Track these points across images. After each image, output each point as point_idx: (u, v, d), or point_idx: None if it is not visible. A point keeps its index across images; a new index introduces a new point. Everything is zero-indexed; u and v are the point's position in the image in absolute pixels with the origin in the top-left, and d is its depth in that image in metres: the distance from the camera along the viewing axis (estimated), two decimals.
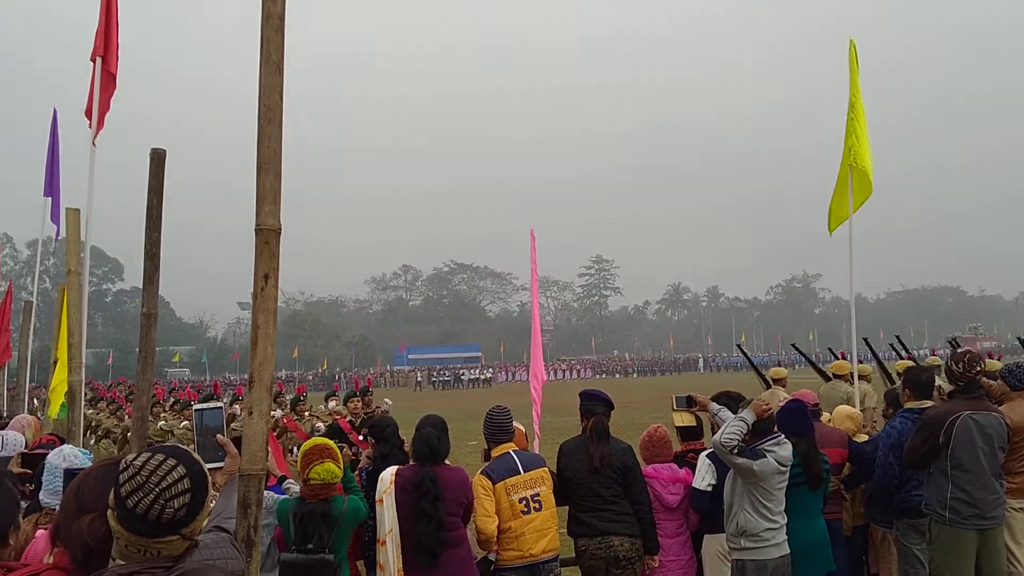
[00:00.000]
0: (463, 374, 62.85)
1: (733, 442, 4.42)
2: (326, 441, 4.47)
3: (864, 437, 6.01)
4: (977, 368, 4.94)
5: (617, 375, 71.02)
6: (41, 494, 3.30)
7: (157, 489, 1.81)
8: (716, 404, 4.94)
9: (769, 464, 4.47)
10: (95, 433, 13.15)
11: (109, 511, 1.86)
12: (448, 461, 4.65)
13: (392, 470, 4.55)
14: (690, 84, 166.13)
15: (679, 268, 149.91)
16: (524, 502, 4.68)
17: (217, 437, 2.80)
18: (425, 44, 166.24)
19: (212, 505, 2.48)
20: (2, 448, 4.30)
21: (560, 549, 4.85)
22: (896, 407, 5.68)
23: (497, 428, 4.92)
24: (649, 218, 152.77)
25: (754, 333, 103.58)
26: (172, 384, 40.38)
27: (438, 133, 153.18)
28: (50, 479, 3.27)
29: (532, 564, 4.64)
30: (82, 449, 3.60)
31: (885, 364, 9.54)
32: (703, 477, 4.89)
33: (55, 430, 6.37)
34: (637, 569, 4.86)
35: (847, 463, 5.57)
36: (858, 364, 8.49)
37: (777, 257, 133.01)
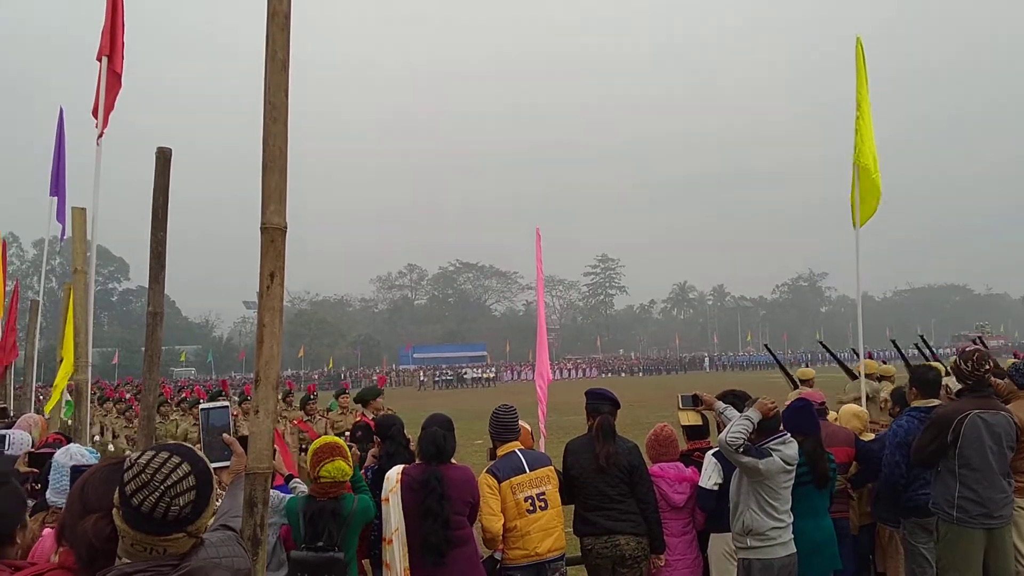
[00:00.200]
0: (465, 373, 62.85)
1: (738, 441, 4.41)
2: (336, 439, 4.46)
3: (871, 436, 5.99)
4: (986, 367, 4.92)
5: (623, 374, 70.93)
6: (48, 493, 3.31)
7: (162, 487, 1.82)
8: (722, 403, 4.92)
9: (775, 463, 4.45)
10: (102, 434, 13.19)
11: (114, 510, 1.86)
12: (454, 460, 4.65)
13: (398, 469, 4.54)
14: (693, 95, 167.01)
15: (684, 267, 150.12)
16: (530, 501, 4.67)
17: (223, 436, 2.80)
18: (434, 59, 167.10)
19: (218, 503, 2.49)
20: (8, 447, 4.31)
21: (566, 548, 4.85)
22: (903, 406, 5.66)
23: (503, 427, 4.91)
24: (655, 222, 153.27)
25: (760, 332, 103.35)
26: (180, 383, 40.44)
27: (444, 145, 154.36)
28: (57, 478, 3.29)
29: (538, 563, 4.64)
30: (89, 448, 3.62)
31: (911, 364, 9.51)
32: (709, 476, 4.88)
33: (61, 429, 6.40)
34: (643, 568, 4.85)
35: (854, 462, 5.55)
36: (866, 360, 8.49)
37: (783, 256, 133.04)
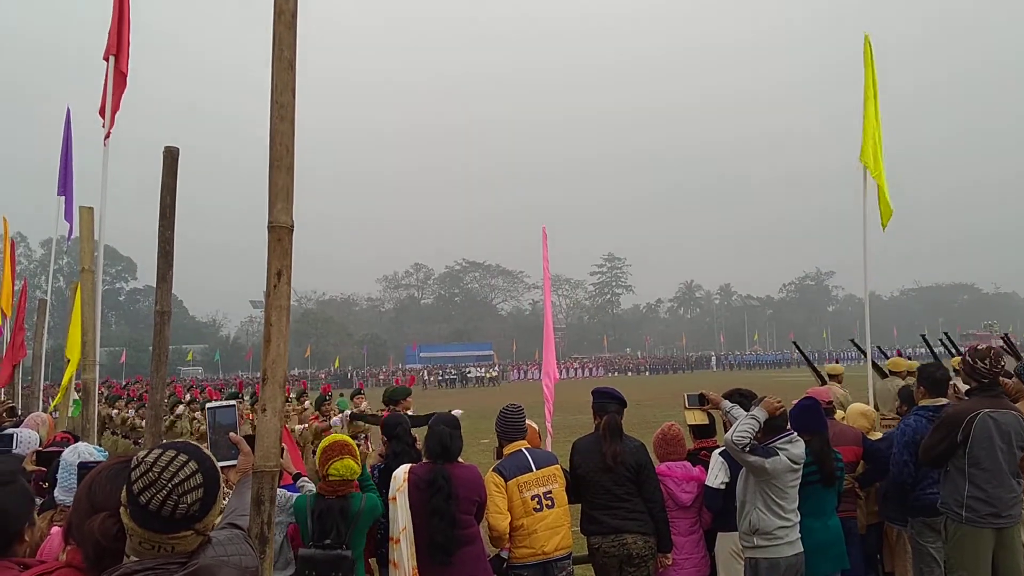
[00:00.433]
0: (469, 372, 62.86)
1: (745, 440, 4.40)
2: (345, 438, 4.48)
3: (878, 435, 5.97)
4: (1002, 364, 4.91)
5: (629, 373, 70.94)
6: (56, 491, 3.32)
7: (170, 485, 1.82)
8: (729, 402, 4.92)
9: (781, 462, 4.44)
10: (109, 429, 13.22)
11: (122, 508, 1.87)
12: (461, 459, 4.65)
13: (405, 468, 4.54)
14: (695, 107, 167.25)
15: (691, 266, 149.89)
16: (536, 499, 4.67)
17: (230, 435, 2.81)
18: (451, 73, 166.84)
19: (225, 502, 2.49)
20: (16, 446, 4.32)
21: (573, 547, 4.84)
22: (910, 405, 5.64)
23: (510, 426, 4.91)
24: (662, 222, 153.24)
25: (767, 331, 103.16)
26: (190, 382, 40.58)
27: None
28: (65, 476, 3.30)
29: (545, 562, 4.63)
30: (96, 446, 3.62)
31: (941, 360, 9.48)
32: (716, 475, 4.87)
33: (68, 427, 6.42)
34: (650, 567, 4.84)
35: (861, 461, 5.54)
36: (896, 358, 8.58)
37: (789, 255, 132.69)
